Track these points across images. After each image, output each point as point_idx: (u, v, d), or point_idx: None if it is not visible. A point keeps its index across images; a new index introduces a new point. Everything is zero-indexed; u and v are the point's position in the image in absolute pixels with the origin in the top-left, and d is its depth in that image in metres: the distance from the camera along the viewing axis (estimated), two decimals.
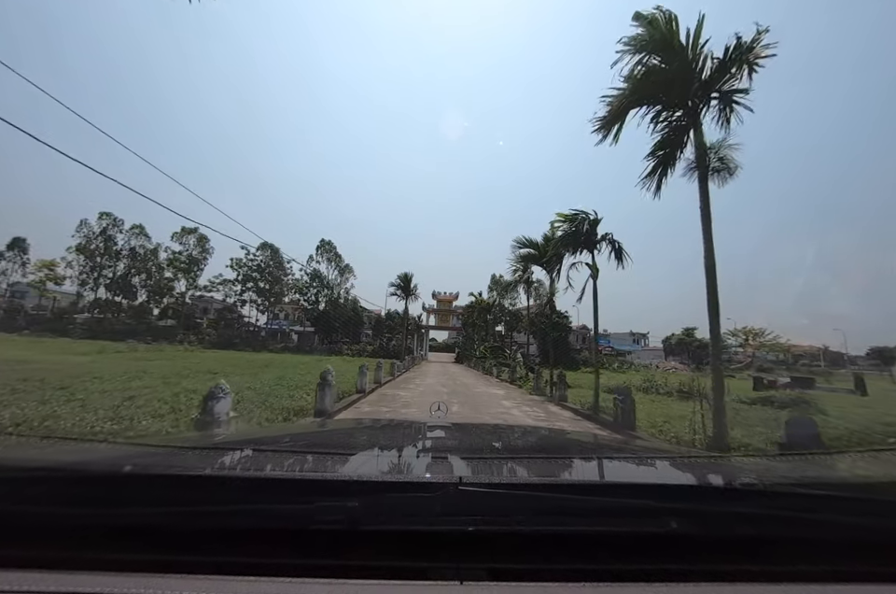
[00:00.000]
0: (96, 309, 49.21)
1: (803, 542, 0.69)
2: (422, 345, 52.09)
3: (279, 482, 0.74)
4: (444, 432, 1.71)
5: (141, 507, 0.66)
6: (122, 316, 49.42)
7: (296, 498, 0.68)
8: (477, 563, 0.62)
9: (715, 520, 0.70)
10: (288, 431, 2.04)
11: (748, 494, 0.80)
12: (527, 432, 2.14)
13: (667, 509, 0.70)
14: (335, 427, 2.27)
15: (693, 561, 0.65)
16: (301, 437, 1.54)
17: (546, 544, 0.67)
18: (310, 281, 50.34)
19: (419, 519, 0.66)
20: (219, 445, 1.24)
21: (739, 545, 0.68)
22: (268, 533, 0.65)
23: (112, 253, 48.87)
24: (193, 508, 0.67)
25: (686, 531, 0.67)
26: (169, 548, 0.63)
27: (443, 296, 56.72)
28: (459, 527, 0.65)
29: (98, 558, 0.59)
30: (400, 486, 0.73)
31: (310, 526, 0.65)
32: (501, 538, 0.66)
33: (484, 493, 0.68)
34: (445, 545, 0.64)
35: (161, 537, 0.64)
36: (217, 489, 0.70)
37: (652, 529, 0.68)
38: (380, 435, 1.67)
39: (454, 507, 0.67)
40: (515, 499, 0.70)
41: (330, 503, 0.66)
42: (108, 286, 49.36)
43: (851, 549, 0.67)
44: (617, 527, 0.68)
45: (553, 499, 0.71)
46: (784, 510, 0.71)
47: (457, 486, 0.68)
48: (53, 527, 0.64)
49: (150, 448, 1.19)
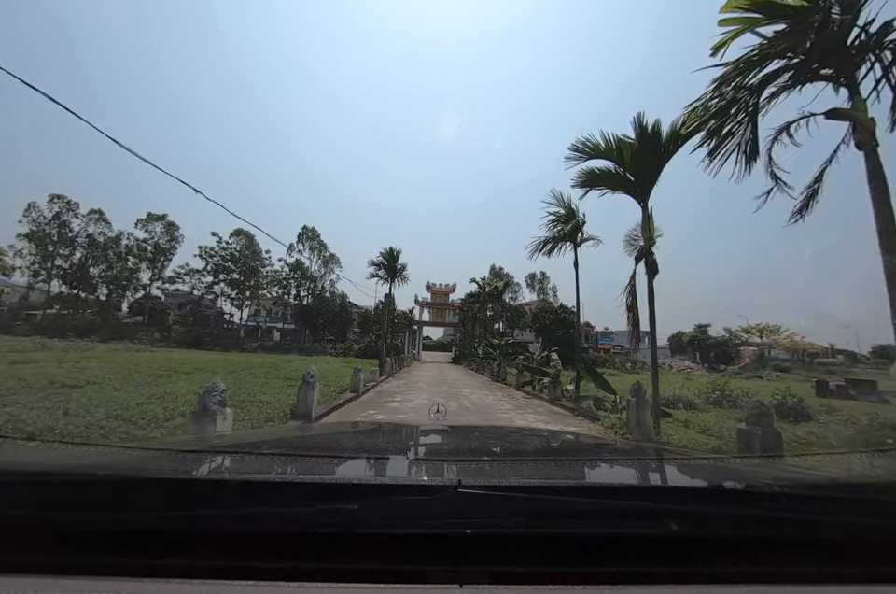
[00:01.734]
0: (57, 305, 43.78)
1: (803, 543, 0.69)
2: (414, 343, 47.06)
3: (278, 485, 0.73)
4: (443, 435, 1.71)
5: (140, 511, 0.66)
6: (87, 312, 44.25)
7: (295, 501, 0.68)
8: (476, 566, 0.62)
9: (715, 522, 0.70)
10: (287, 434, 2.02)
11: (748, 496, 0.80)
12: (526, 435, 2.09)
13: (667, 511, 0.69)
14: (334, 430, 2.20)
15: (694, 563, 0.65)
16: (300, 440, 1.56)
17: (546, 546, 0.67)
18: (290, 272, 45.26)
19: (418, 522, 0.66)
20: (218, 449, 1.21)
21: (740, 547, 0.68)
22: (267, 537, 0.65)
23: (66, 241, 43.36)
24: (192, 512, 0.66)
25: (686, 533, 0.67)
26: (167, 552, 0.63)
27: (439, 288, 51.70)
28: (459, 530, 0.65)
29: (97, 563, 0.59)
30: (399, 488, 0.72)
31: (309, 529, 0.65)
32: (501, 541, 0.66)
33: (484, 496, 0.68)
34: (445, 548, 0.64)
35: (159, 541, 0.64)
36: (216, 493, 0.70)
37: (652, 530, 0.68)
38: (379, 438, 1.69)
39: (453, 510, 0.67)
40: (515, 501, 0.70)
41: (329, 507, 0.66)
42: (63, 277, 43.89)
43: (851, 550, 0.67)
44: (617, 529, 0.68)
45: (553, 501, 0.70)
46: (784, 511, 0.72)
47: (456, 488, 0.67)
48: (52, 531, 0.64)
49: (149, 452, 1.16)
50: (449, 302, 50.99)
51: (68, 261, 43.79)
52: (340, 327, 44.89)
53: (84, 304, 44.80)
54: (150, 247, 45.89)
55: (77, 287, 44.24)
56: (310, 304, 43.57)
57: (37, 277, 43.52)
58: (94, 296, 45.24)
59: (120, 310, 48.71)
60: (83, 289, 44.65)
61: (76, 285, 44.00)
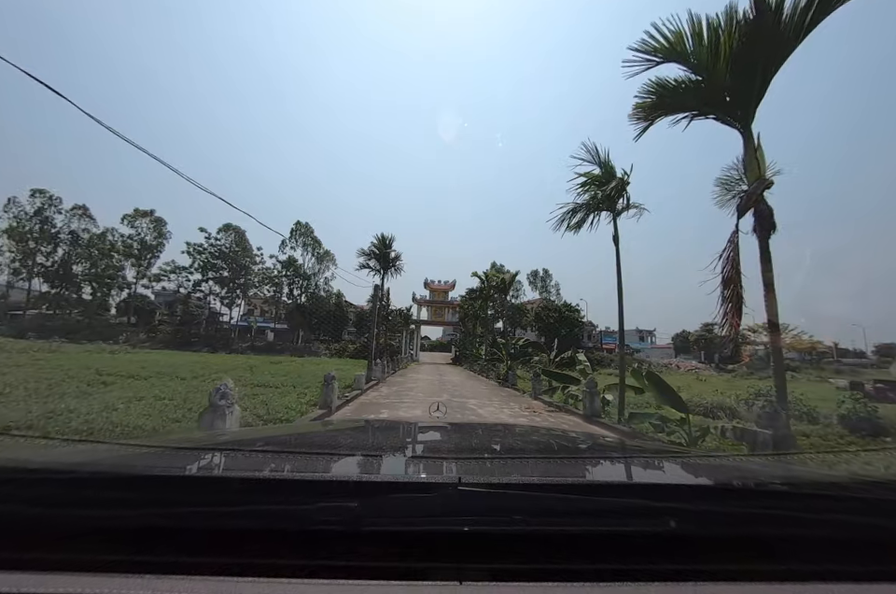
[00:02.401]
0: (45, 304, 41.73)
1: (802, 541, 0.69)
2: (412, 343, 45.16)
3: (278, 483, 0.73)
4: (443, 433, 1.72)
5: (142, 509, 0.66)
6: (74, 312, 42.20)
7: (295, 498, 0.68)
8: (476, 563, 0.63)
9: (714, 520, 0.70)
10: (288, 431, 2.07)
11: (747, 493, 0.80)
12: (527, 433, 2.07)
13: (666, 508, 0.69)
14: (335, 427, 2.21)
15: (693, 561, 0.65)
16: (301, 438, 1.56)
17: (546, 543, 0.67)
18: (283, 270, 43.35)
19: (419, 520, 0.67)
20: (219, 446, 1.22)
21: (739, 545, 0.68)
22: (267, 534, 0.65)
23: (48, 237, 41.35)
24: (194, 509, 0.66)
25: (685, 531, 0.67)
26: (167, 549, 0.63)
27: (437, 285, 49.50)
28: (459, 527, 0.65)
29: (100, 560, 0.59)
30: (400, 486, 0.73)
31: (309, 527, 0.65)
32: (501, 538, 0.67)
33: (484, 493, 0.68)
34: (445, 546, 0.65)
35: (161, 538, 0.64)
36: (218, 490, 0.70)
37: (652, 528, 0.68)
38: (379, 436, 1.69)
39: (453, 507, 0.67)
40: (515, 499, 0.70)
41: (330, 504, 0.66)
42: (45, 275, 41.89)
43: (850, 548, 0.68)
44: (617, 526, 0.69)
45: (553, 499, 0.71)
46: (784, 509, 0.72)
47: (457, 486, 0.67)
48: (54, 528, 0.64)
49: (151, 449, 1.15)
50: (448, 300, 48.63)
51: (50, 259, 41.80)
52: (335, 326, 43.05)
53: (68, 303, 42.78)
54: (136, 243, 44.00)
55: (60, 285, 42.24)
56: (304, 302, 41.62)
57: (18, 276, 41.57)
58: (77, 295, 43.21)
59: (109, 310, 46.92)
60: (66, 288, 42.64)
61: (58, 284, 42.02)
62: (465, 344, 38.54)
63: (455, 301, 46.65)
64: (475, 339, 36.51)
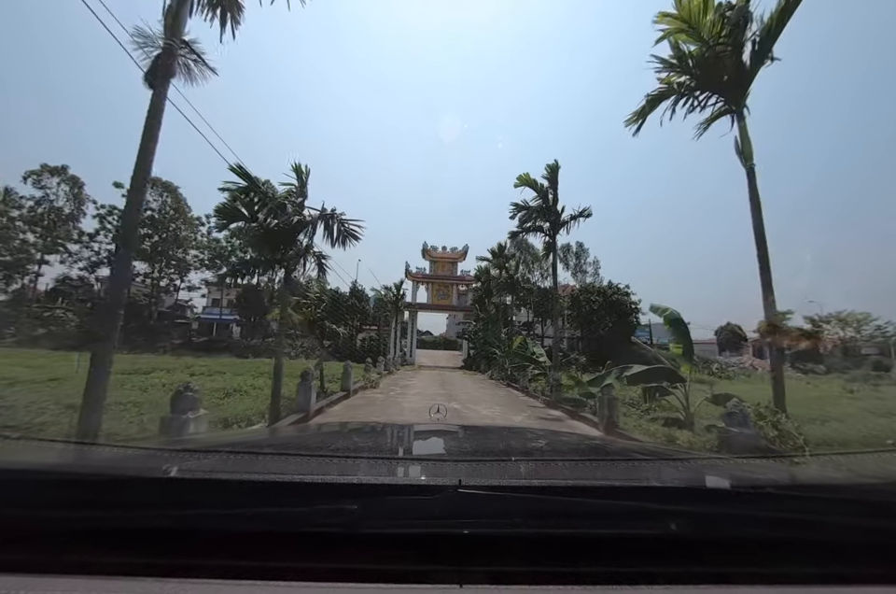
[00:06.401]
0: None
1: (803, 544, 0.69)
2: (406, 339, 32.69)
3: (277, 485, 0.72)
4: (443, 435, 1.70)
5: (140, 511, 0.66)
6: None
7: (294, 501, 0.68)
8: (477, 566, 0.63)
9: (715, 522, 0.70)
10: (286, 433, 2.07)
11: (747, 496, 0.80)
12: (528, 435, 2.04)
13: (667, 511, 0.69)
14: (333, 429, 2.15)
15: (694, 564, 0.66)
16: (299, 439, 1.57)
17: (546, 546, 0.67)
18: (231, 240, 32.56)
19: (419, 522, 0.67)
20: (216, 448, 1.21)
21: (739, 548, 0.69)
22: (266, 537, 0.65)
23: None
24: (193, 511, 0.66)
25: (686, 534, 0.68)
26: (166, 552, 0.63)
27: (441, 253, 33.35)
28: (459, 529, 0.65)
29: (97, 562, 0.59)
30: (400, 488, 0.73)
31: (309, 529, 0.65)
32: (501, 541, 0.67)
33: (484, 496, 0.68)
34: (445, 548, 0.65)
35: (160, 540, 0.64)
36: (218, 493, 0.70)
37: (652, 531, 0.68)
38: (379, 438, 1.70)
39: (453, 510, 0.67)
40: (515, 501, 0.70)
41: (329, 506, 0.66)
42: None
43: (852, 551, 0.68)
44: (617, 529, 0.68)
45: (554, 501, 0.70)
46: (784, 512, 0.72)
47: (457, 488, 0.67)
48: (51, 530, 0.64)
49: (150, 451, 1.15)
50: (458, 274, 33.48)
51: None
52: None
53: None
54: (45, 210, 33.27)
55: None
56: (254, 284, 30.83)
57: None
58: None
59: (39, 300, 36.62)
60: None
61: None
62: (485, 338, 25.61)
63: (466, 275, 32.49)
64: (499, 333, 24.53)
